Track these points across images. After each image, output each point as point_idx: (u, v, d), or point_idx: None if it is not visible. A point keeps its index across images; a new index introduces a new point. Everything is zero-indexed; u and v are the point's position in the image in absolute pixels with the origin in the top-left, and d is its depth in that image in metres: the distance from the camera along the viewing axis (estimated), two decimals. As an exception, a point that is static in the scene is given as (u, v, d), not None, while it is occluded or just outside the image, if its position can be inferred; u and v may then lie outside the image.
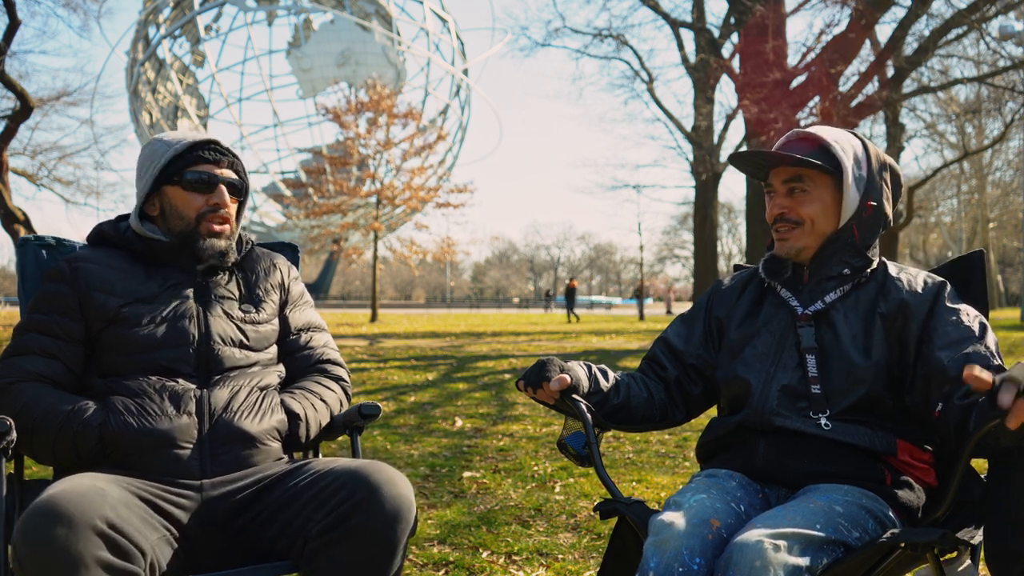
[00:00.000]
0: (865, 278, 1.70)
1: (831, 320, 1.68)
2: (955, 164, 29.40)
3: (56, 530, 1.30)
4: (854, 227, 1.70)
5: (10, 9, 12.39)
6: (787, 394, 1.65)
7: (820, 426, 1.60)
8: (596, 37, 23.23)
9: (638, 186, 33.05)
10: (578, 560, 2.84)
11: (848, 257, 1.70)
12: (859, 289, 1.70)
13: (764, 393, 1.66)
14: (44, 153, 26.29)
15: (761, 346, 1.72)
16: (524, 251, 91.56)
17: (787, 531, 1.34)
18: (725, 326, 1.83)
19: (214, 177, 1.82)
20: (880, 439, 1.59)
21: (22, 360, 1.71)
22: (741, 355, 1.74)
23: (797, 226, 1.71)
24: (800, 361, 1.66)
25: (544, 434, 5.42)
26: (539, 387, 1.69)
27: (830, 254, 1.71)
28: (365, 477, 1.56)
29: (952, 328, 1.59)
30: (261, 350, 1.85)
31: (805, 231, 1.70)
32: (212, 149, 1.84)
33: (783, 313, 1.73)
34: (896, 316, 1.65)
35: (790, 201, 1.71)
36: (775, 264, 1.77)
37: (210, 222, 1.81)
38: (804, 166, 1.69)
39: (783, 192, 1.73)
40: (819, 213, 1.70)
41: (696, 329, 1.88)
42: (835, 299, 1.69)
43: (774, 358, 1.69)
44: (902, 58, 16.72)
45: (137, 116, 42.48)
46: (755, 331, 1.75)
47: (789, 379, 1.66)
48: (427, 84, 46.42)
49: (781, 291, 1.76)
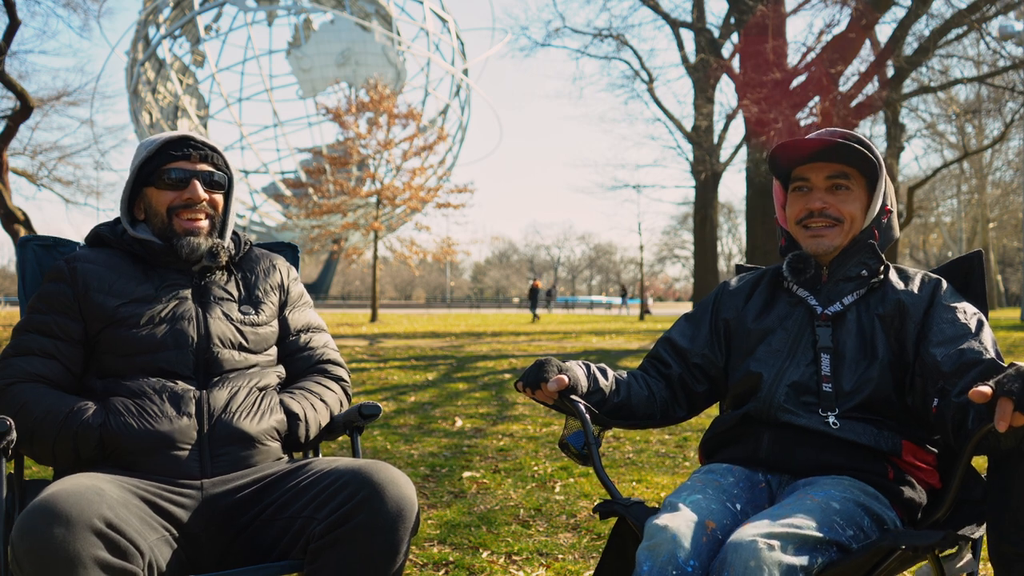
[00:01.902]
0: (878, 282, 1.72)
1: (846, 321, 1.69)
2: (955, 164, 29.41)
3: (54, 530, 1.30)
4: (875, 230, 1.73)
5: (10, 9, 12.39)
6: (795, 390, 1.66)
7: (828, 424, 1.61)
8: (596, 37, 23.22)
9: (638, 186, 33.01)
10: (578, 560, 2.84)
11: (867, 259, 1.72)
12: (872, 292, 1.71)
13: (773, 387, 1.67)
14: (44, 153, 26.33)
15: (776, 343, 1.73)
16: (524, 251, 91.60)
17: (781, 531, 1.34)
18: (734, 328, 1.83)
19: (185, 172, 1.81)
20: (885, 439, 1.60)
21: (21, 360, 1.71)
22: (755, 352, 1.75)
23: (837, 224, 1.71)
24: (814, 359, 1.67)
25: (544, 434, 5.42)
26: (537, 388, 1.68)
27: (852, 255, 1.73)
28: (367, 476, 1.56)
29: (948, 326, 1.61)
30: (260, 352, 1.85)
31: (843, 229, 1.72)
32: (184, 145, 1.83)
33: (800, 311, 1.74)
34: (894, 316, 1.66)
35: (832, 198, 1.72)
36: (800, 263, 1.76)
37: (181, 217, 1.80)
38: (844, 162, 1.69)
39: (824, 188, 1.72)
40: (858, 212, 1.72)
41: (702, 329, 1.88)
42: (852, 301, 1.70)
43: (788, 354, 1.70)
44: (902, 58, 16.70)
45: (137, 116, 42.47)
46: (771, 328, 1.75)
47: (800, 375, 1.66)
48: (427, 84, 46.43)
49: (798, 290, 1.76)
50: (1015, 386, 1.26)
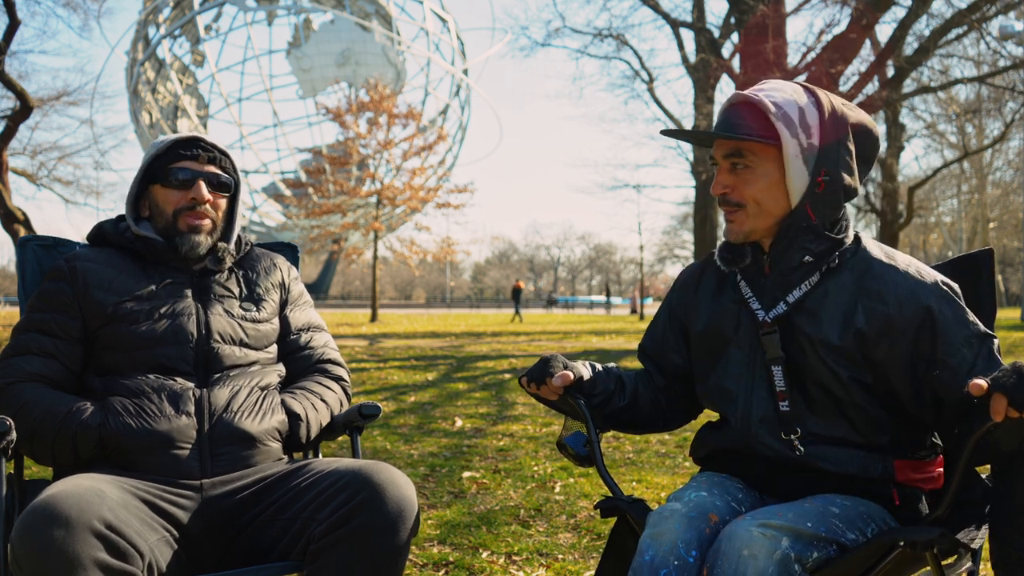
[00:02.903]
0: (835, 262, 1.49)
1: (798, 322, 1.49)
2: (955, 164, 29.38)
3: (53, 531, 1.30)
4: (807, 207, 1.48)
5: (10, 9, 12.39)
6: (765, 419, 1.52)
7: (796, 451, 1.48)
8: (596, 37, 23.19)
9: (638, 186, 32.96)
10: (578, 560, 2.84)
11: (807, 243, 1.48)
12: (829, 278, 1.49)
13: (745, 416, 1.54)
14: (44, 153, 26.27)
15: (733, 366, 1.57)
16: (524, 251, 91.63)
17: (778, 523, 1.33)
18: (688, 327, 1.68)
19: (192, 173, 1.81)
20: (874, 463, 1.47)
21: (21, 360, 1.71)
22: (716, 368, 1.61)
23: (740, 208, 1.50)
24: (768, 375, 1.51)
25: (544, 434, 5.42)
26: (542, 383, 1.65)
27: (787, 241, 1.49)
28: (368, 477, 1.56)
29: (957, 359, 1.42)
30: (261, 349, 1.85)
31: (750, 213, 1.50)
32: (194, 146, 1.83)
33: (745, 320, 1.55)
34: (881, 337, 1.45)
35: (732, 179, 1.50)
36: (731, 251, 1.56)
37: (188, 217, 1.80)
38: (739, 135, 1.46)
39: (726, 168, 1.51)
40: (764, 192, 1.48)
41: (661, 333, 1.75)
42: (801, 296, 1.49)
43: (748, 378, 1.54)
44: (902, 58, 16.70)
45: (137, 116, 42.46)
46: (724, 341, 1.59)
47: (765, 396, 1.52)
48: (427, 84, 46.41)
49: (741, 284, 1.58)
50: (1010, 380, 1.23)
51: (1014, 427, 1.26)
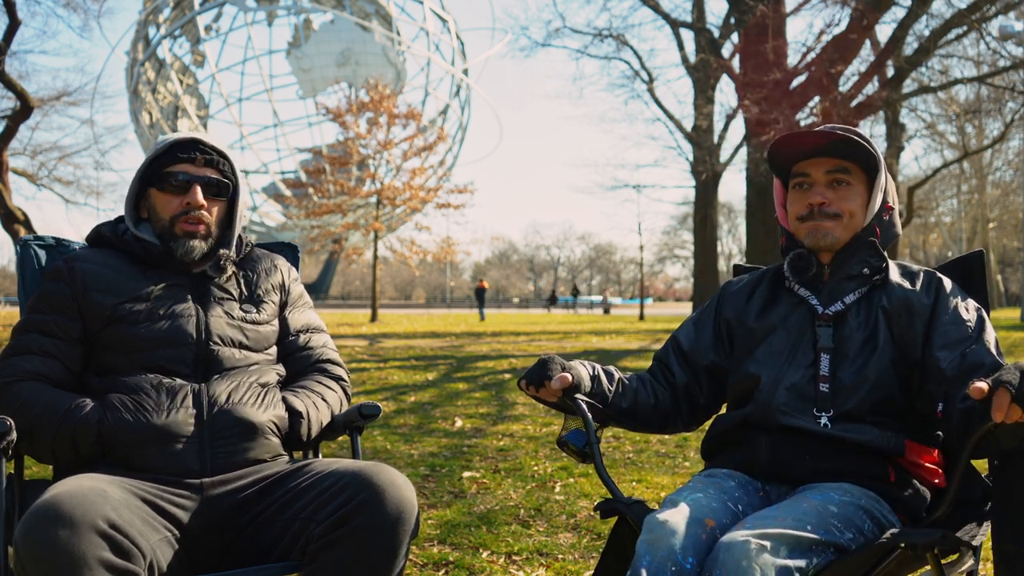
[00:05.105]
0: (880, 280, 1.70)
1: (848, 320, 1.67)
2: (955, 164, 29.37)
3: (58, 531, 1.30)
4: (875, 227, 1.70)
5: (10, 9, 12.40)
6: (795, 392, 1.64)
7: (820, 424, 1.60)
8: (596, 37, 23.20)
9: (638, 186, 32.90)
10: (578, 560, 2.84)
11: (868, 256, 1.70)
12: (873, 291, 1.69)
13: (772, 390, 1.66)
14: (44, 153, 26.29)
15: (776, 344, 1.71)
16: (524, 251, 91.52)
17: (775, 531, 1.34)
18: (735, 328, 1.81)
19: (188, 177, 1.80)
20: (889, 439, 1.59)
21: (21, 360, 1.71)
22: (754, 353, 1.73)
23: (837, 218, 1.69)
24: (814, 360, 1.65)
25: (544, 434, 5.42)
26: (541, 386, 1.67)
27: (852, 252, 1.70)
28: (368, 478, 1.56)
29: (952, 328, 1.60)
30: (260, 351, 1.85)
31: (844, 224, 1.69)
32: (192, 148, 1.81)
33: (801, 311, 1.72)
34: (900, 313, 1.64)
35: (832, 193, 1.70)
36: (801, 262, 1.73)
37: (183, 223, 1.80)
38: (844, 157, 1.67)
39: (824, 183, 1.70)
40: (858, 208, 1.70)
41: (705, 332, 1.86)
42: (854, 300, 1.68)
43: (788, 356, 1.68)
44: (902, 58, 16.71)
45: (137, 116, 42.46)
46: (771, 328, 1.73)
47: (799, 377, 1.65)
48: (427, 84, 46.41)
49: (800, 290, 1.74)
50: (1012, 378, 1.26)
51: (1015, 427, 1.27)
